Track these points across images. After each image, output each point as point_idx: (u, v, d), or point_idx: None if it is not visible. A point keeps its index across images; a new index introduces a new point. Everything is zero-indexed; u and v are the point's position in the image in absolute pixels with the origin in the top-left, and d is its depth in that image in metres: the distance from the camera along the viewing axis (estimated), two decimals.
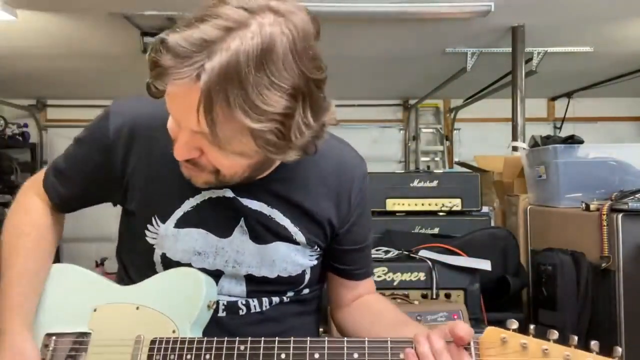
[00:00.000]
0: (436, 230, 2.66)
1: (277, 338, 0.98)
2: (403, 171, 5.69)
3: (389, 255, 2.24)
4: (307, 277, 1.17)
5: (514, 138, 3.59)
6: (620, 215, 2.00)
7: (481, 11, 3.20)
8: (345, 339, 0.96)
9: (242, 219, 1.09)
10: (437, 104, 6.46)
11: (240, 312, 1.13)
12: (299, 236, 1.11)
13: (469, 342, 0.92)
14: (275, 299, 1.15)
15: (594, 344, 0.87)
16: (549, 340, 0.88)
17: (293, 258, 1.12)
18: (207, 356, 0.98)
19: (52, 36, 3.74)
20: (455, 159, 6.14)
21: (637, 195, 2.05)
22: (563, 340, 0.88)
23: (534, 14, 3.38)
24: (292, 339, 0.97)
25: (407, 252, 2.27)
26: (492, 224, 2.81)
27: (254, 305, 1.14)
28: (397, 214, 2.71)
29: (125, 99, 1.14)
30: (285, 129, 0.87)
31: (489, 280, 2.27)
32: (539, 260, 2.40)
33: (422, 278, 2.12)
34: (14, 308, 1.10)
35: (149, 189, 1.10)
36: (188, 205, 1.09)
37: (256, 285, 1.13)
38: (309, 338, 0.97)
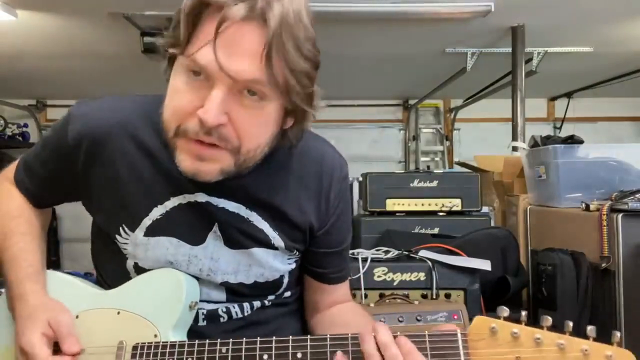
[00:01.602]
0: (436, 230, 2.65)
1: (258, 338, 0.96)
2: (403, 171, 5.68)
3: (389, 255, 2.23)
4: (286, 280, 1.14)
5: (514, 138, 3.60)
6: (620, 215, 2.00)
7: (481, 11, 3.20)
8: (328, 336, 0.94)
9: (216, 224, 1.05)
10: (437, 104, 6.46)
11: (222, 320, 1.10)
12: (277, 241, 1.08)
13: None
14: (257, 303, 1.12)
15: (590, 329, 0.82)
16: (542, 327, 0.84)
17: (271, 263, 1.09)
18: None
19: (52, 36, 3.74)
20: (455, 159, 6.14)
21: (637, 195, 2.05)
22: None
23: (534, 14, 3.38)
24: (274, 338, 0.96)
25: (407, 252, 2.26)
26: (492, 224, 2.80)
27: (235, 312, 1.11)
28: (397, 214, 2.71)
29: (87, 103, 1.09)
30: (311, 92, 0.93)
31: (489, 280, 2.26)
32: (539, 260, 2.40)
33: (422, 278, 2.11)
34: (29, 276, 1.07)
35: (114, 198, 1.05)
36: (157, 213, 1.04)
37: (234, 292, 1.10)
38: (291, 337, 0.95)
